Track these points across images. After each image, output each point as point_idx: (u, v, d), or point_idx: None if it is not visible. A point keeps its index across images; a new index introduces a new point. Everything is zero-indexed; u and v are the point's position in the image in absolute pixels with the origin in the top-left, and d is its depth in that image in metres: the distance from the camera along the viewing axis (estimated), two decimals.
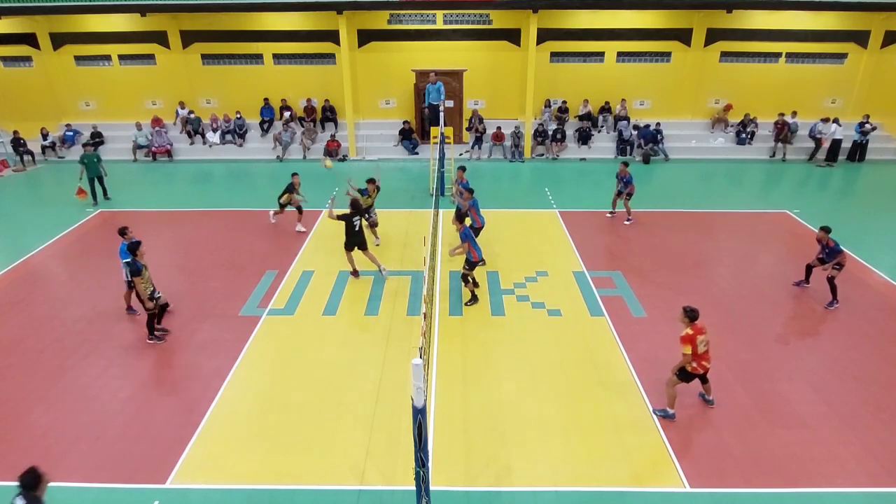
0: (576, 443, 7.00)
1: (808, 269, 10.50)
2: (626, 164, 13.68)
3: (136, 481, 6.47)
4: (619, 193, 13.74)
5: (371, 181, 12.35)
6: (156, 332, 9.06)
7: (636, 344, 8.96)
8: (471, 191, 11.62)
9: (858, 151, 19.05)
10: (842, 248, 9.89)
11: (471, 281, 10.07)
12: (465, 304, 10.06)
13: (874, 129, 18.96)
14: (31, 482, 4.72)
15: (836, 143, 18.71)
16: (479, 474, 6.54)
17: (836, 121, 18.82)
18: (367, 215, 12.15)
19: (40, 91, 20.25)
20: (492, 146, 19.70)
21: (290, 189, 13.25)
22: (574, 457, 6.79)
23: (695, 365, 7.09)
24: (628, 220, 13.72)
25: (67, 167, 18.70)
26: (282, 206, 13.33)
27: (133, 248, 8.68)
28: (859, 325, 9.50)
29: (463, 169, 13.06)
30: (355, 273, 11.06)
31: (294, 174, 13.49)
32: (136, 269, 8.55)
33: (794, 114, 19.50)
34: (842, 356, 8.70)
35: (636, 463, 6.70)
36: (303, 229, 13.32)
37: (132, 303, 9.87)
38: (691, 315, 6.97)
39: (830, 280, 9.88)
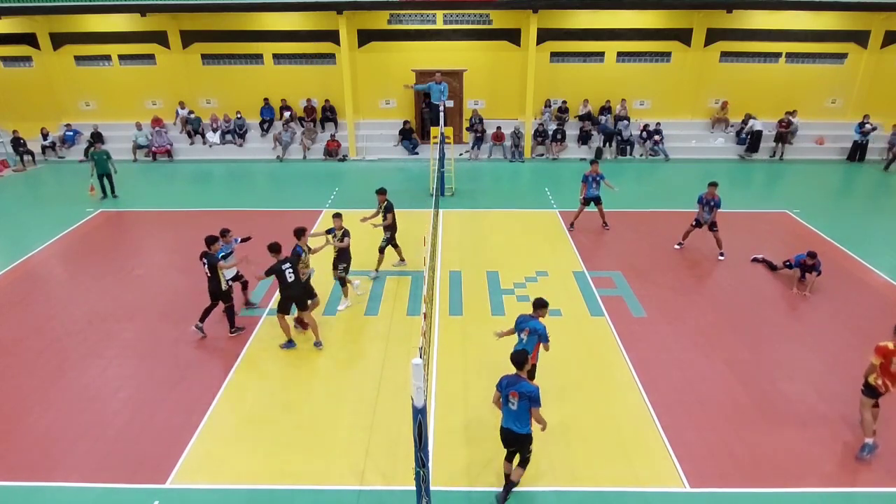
0: (576, 443, 7.00)
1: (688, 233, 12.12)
2: (714, 184, 11.55)
3: (136, 481, 6.47)
4: (699, 224, 11.80)
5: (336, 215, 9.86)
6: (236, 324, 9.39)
7: (636, 344, 8.96)
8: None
9: (858, 152, 19.05)
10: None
11: None
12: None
13: (874, 129, 18.95)
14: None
15: (757, 135, 19.22)
16: (479, 474, 6.54)
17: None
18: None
19: (40, 91, 20.25)
20: (492, 146, 19.70)
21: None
22: (574, 457, 6.79)
23: (879, 382, 6.57)
24: (721, 254, 11.85)
25: (67, 167, 18.72)
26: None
27: (209, 241, 8.92)
28: (859, 325, 9.50)
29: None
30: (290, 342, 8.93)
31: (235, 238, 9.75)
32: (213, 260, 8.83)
33: (794, 113, 19.47)
34: (842, 356, 8.70)
35: (636, 463, 6.69)
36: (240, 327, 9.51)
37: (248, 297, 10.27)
38: None
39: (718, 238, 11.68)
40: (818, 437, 7.07)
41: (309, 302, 9.03)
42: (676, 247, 12.41)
